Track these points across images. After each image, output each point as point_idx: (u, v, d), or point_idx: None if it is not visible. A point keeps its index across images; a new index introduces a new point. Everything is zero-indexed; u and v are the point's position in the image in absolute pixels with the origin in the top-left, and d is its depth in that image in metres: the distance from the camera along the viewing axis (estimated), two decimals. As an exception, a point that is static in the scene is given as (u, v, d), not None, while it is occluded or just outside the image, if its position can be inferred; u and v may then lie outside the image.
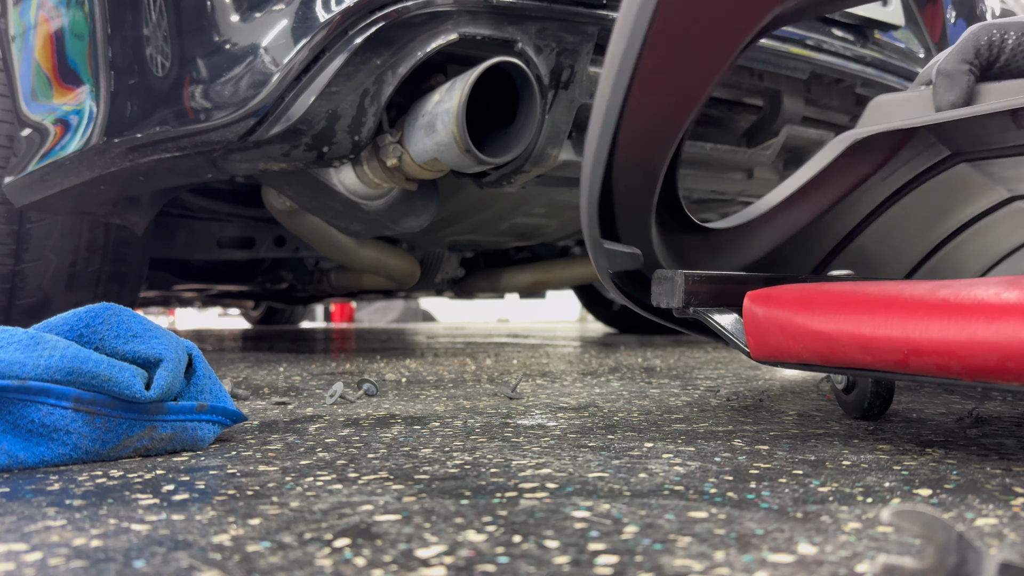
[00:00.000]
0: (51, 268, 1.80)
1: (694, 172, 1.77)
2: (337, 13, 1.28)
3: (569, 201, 1.99)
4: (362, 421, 0.96)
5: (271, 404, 1.12)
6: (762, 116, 1.77)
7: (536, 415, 0.99)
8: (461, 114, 1.28)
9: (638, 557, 0.45)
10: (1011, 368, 0.60)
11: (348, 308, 7.53)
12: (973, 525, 0.50)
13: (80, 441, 0.70)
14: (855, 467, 0.67)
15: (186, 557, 0.46)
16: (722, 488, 0.60)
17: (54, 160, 1.58)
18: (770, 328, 0.79)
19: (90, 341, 0.76)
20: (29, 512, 0.56)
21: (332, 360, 1.95)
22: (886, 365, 0.69)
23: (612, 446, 0.78)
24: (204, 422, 0.78)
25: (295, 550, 0.47)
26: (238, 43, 1.34)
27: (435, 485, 0.62)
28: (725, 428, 0.88)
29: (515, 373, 1.55)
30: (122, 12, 1.45)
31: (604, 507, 0.55)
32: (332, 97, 1.31)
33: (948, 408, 1.03)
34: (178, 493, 0.61)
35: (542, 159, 1.48)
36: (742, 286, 0.93)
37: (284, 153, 1.39)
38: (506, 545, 0.47)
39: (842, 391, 0.94)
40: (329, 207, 1.61)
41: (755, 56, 1.56)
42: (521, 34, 1.34)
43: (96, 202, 1.70)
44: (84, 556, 0.46)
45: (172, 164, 1.47)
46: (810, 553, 0.45)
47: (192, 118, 1.38)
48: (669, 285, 0.92)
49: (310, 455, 0.75)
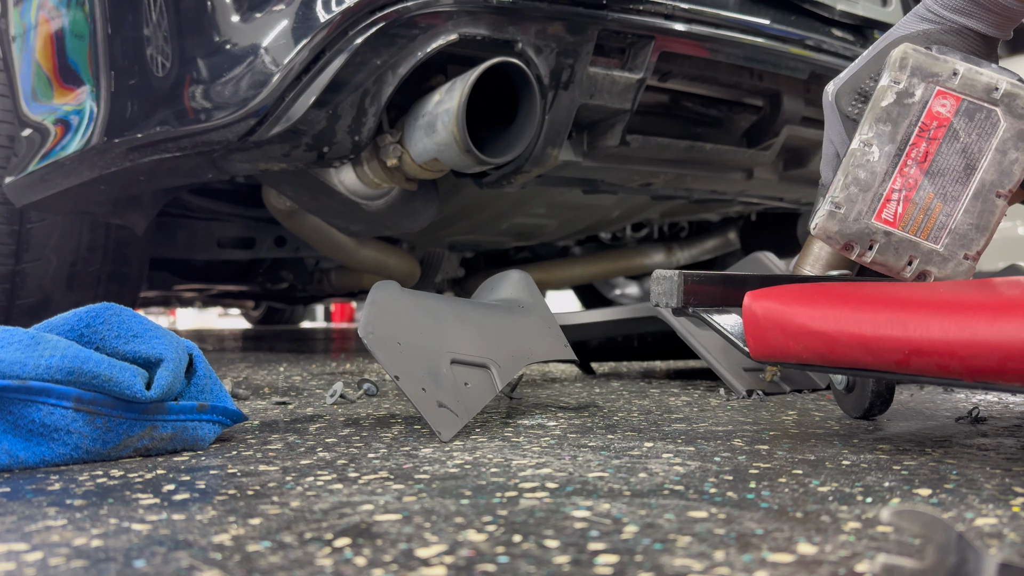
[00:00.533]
0: (51, 268, 1.80)
1: (694, 172, 1.77)
2: (337, 13, 1.28)
3: (569, 201, 1.99)
4: (362, 421, 0.96)
5: (271, 404, 1.12)
6: (762, 116, 1.77)
7: (536, 415, 0.99)
8: (461, 114, 1.28)
9: (638, 557, 0.45)
10: (1012, 368, 0.60)
11: (348, 308, 7.53)
12: (973, 525, 0.51)
13: (81, 441, 0.70)
14: (855, 467, 0.67)
15: (186, 557, 0.46)
16: (722, 488, 0.60)
17: (54, 160, 1.58)
18: (770, 328, 0.79)
19: (91, 341, 0.76)
20: (30, 512, 0.56)
21: (332, 360, 1.95)
22: (886, 365, 0.69)
23: (612, 446, 0.78)
24: (204, 422, 0.78)
25: (295, 550, 0.47)
26: (238, 43, 1.34)
27: (435, 485, 0.62)
28: (725, 428, 0.88)
29: (515, 373, 1.55)
30: (122, 12, 1.45)
31: (604, 507, 0.55)
32: (332, 97, 1.31)
33: (948, 408, 1.03)
34: (179, 493, 0.61)
35: (542, 159, 1.48)
36: (742, 286, 0.93)
37: (284, 153, 1.39)
38: (506, 545, 0.47)
39: (842, 391, 0.94)
40: (329, 207, 1.61)
41: (755, 56, 1.56)
42: (521, 34, 1.34)
43: (96, 202, 1.70)
44: (85, 556, 0.46)
45: (172, 164, 1.47)
46: (810, 553, 0.45)
47: (192, 118, 1.38)
48: (668, 285, 0.92)
49: (310, 455, 0.75)
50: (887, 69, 0.80)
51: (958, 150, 0.79)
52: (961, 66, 0.78)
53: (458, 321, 0.95)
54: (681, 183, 1.82)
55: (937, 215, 0.80)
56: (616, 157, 1.61)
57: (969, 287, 0.75)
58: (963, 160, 0.79)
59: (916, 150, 0.79)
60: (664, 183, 1.81)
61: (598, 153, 1.58)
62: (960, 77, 0.78)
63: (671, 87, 1.63)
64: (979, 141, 0.79)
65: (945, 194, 0.80)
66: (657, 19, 1.42)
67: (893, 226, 0.81)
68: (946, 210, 0.80)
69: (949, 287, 0.75)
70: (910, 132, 0.79)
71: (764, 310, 0.79)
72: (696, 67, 1.58)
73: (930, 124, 0.79)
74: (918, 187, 0.80)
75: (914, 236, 0.81)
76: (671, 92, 1.68)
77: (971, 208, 0.80)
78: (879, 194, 0.80)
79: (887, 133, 0.79)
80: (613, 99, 1.47)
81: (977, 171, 0.79)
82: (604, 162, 1.62)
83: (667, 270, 0.93)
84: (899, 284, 0.80)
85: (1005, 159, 0.79)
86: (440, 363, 0.87)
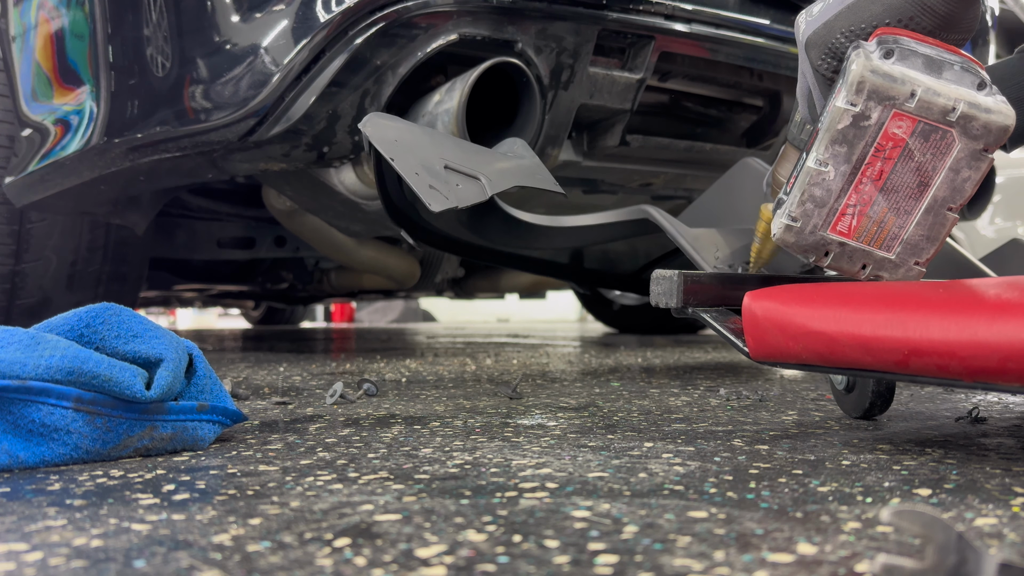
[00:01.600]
0: (51, 268, 1.80)
1: (694, 172, 1.77)
2: (337, 13, 1.28)
3: (569, 201, 1.99)
4: (362, 421, 0.96)
5: (271, 404, 1.12)
6: (762, 116, 1.77)
7: (536, 415, 0.99)
8: (461, 114, 1.28)
9: (638, 557, 0.45)
10: (1012, 369, 0.60)
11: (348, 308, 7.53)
12: (973, 525, 0.51)
13: (81, 441, 0.70)
14: (855, 467, 0.67)
15: (186, 557, 0.46)
16: (722, 488, 0.60)
17: (54, 160, 1.58)
18: (769, 328, 0.79)
19: (91, 341, 0.76)
20: (30, 512, 0.56)
21: (332, 360, 1.95)
22: (886, 365, 0.69)
23: (612, 446, 0.78)
24: (204, 422, 0.78)
25: (295, 550, 0.47)
26: (238, 43, 1.34)
27: (435, 485, 0.62)
28: (725, 428, 0.88)
29: (515, 373, 1.55)
30: (122, 12, 1.45)
31: (604, 507, 0.55)
32: (332, 97, 1.31)
33: (948, 408, 1.03)
34: (178, 493, 0.61)
35: (542, 159, 1.48)
36: (741, 286, 0.93)
37: (284, 153, 1.39)
38: (506, 545, 0.47)
39: (842, 391, 0.94)
40: (329, 207, 1.61)
41: (755, 56, 1.56)
42: (521, 34, 1.34)
43: (96, 202, 1.70)
44: (84, 556, 0.46)
45: (172, 164, 1.47)
46: (810, 553, 0.45)
47: (192, 118, 1.38)
48: (668, 284, 0.92)
49: (310, 455, 0.75)
50: (844, 88, 0.79)
51: (912, 168, 0.80)
52: (920, 85, 0.78)
53: (454, 143, 1.01)
54: (681, 183, 1.82)
55: (890, 227, 0.83)
56: (616, 157, 1.62)
57: (969, 287, 0.75)
58: (917, 177, 0.81)
59: (871, 169, 0.80)
60: (664, 183, 1.81)
61: (598, 153, 1.58)
62: (917, 100, 0.78)
63: (671, 87, 1.64)
64: (933, 160, 0.80)
65: (898, 209, 0.82)
66: (657, 19, 1.42)
67: (848, 237, 0.83)
68: (898, 223, 0.83)
69: (949, 287, 0.75)
70: (866, 152, 0.80)
71: (764, 310, 0.79)
72: (696, 67, 1.58)
73: (886, 145, 0.80)
74: (872, 203, 0.82)
75: (867, 246, 0.84)
76: (671, 92, 1.68)
77: (923, 221, 0.82)
78: (834, 209, 0.82)
79: (843, 154, 0.80)
80: (613, 99, 1.47)
81: (930, 188, 0.81)
82: (604, 162, 1.62)
83: (667, 270, 0.93)
84: (899, 284, 0.80)
85: (958, 177, 0.80)
86: (434, 163, 0.91)
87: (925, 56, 0.79)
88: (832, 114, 0.80)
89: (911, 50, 0.79)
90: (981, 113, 0.78)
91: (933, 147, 0.79)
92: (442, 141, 1.05)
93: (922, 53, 0.79)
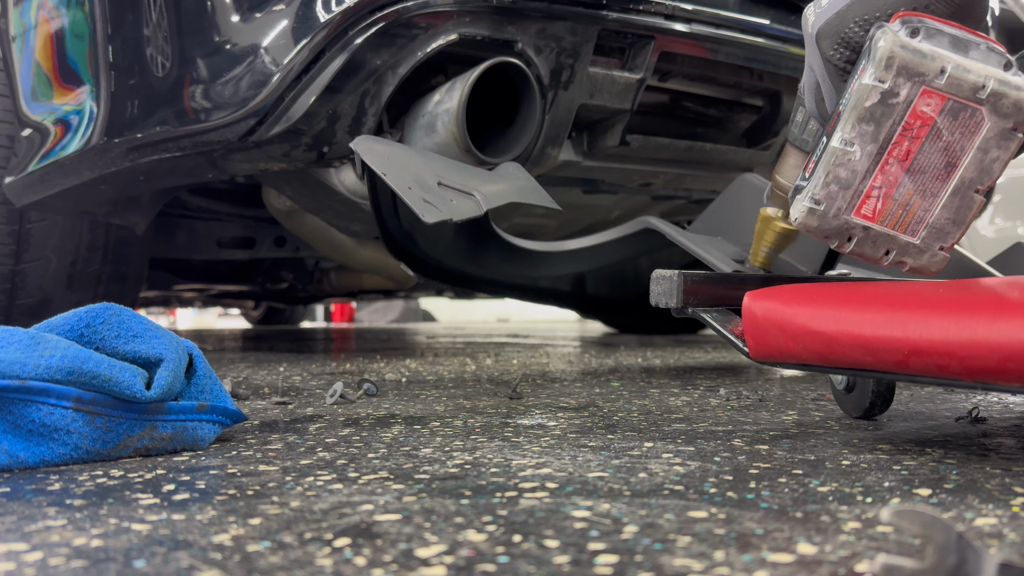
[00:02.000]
0: (51, 268, 1.80)
1: (694, 172, 1.77)
2: (337, 13, 1.28)
3: (569, 201, 1.99)
4: (362, 421, 0.96)
5: (271, 404, 1.12)
6: (762, 116, 1.77)
7: (536, 415, 0.99)
8: (461, 114, 1.28)
9: (638, 557, 0.45)
10: (1012, 369, 0.60)
11: (348, 308, 7.53)
12: (973, 525, 0.51)
13: (81, 441, 0.70)
14: (855, 467, 0.67)
15: (186, 557, 0.46)
16: (722, 488, 0.60)
17: (54, 160, 1.58)
18: (769, 328, 0.79)
19: (91, 341, 0.76)
20: (29, 512, 0.56)
21: (332, 360, 1.95)
22: (886, 365, 0.69)
23: (612, 446, 0.78)
24: (204, 422, 0.78)
25: (295, 550, 0.47)
26: (238, 43, 1.34)
27: (435, 485, 0.62)
28: (725, 428, 0.88)
29: (515, 373, 1.55)
30: (122, 12, 1.45)
31: (604, 507, 0.55)
32: (332, 97, 1.31)
33: (948, 408, 1.03)
34: (178, 493, 0.61)
35: (542, 159, 1.48)
36: (741, 286, 0.93)
37: (284, 153, 1.39)
38: (506, 545, 0.47)
39: (842, 391, 0.94)
40: (329, 207, 1.61)
41: (755, 56, 1.56)
42: (521, 34, 1.34)
43: (96, 202, 1.70)
44: (84, 556, 0.46)
45: (172, 164, 1.47)
46: (810, 553, 0.45)
47: (192, 118, 1.38)
48: (668, 285, 0.92)
49: (310, 455, 0.75)
50: (872, 65, 0.78)
51: (940, 148, 0.79)
52: (949, 63, 0.77)
53: (447, 164, 1.02)
54: (681, 183, 1.82)
55: (915, 210, 0.80)
56: (616, 157, 1.62)
57: (968, 287, 0.75)
58: (944, 158, 0.79)
59: (898, 149, 0.79)
60: (664, 183, 1.81)
61: (598, 153, 1.58)
62: (947, 76, 0.77)
63: (671, 87, 1.64)
64: (961, 140, 0.78)
65: (924, 191, 0.80)
66: (657, 19, 1.42)
67: (872, 221, 0.81)
68: (924, 205, 0.80)
69: (949, 287, 0.75)
70: (893, 131, 0.78)
71: (764, 310, 0.80)
72: (696, 67, 1.58)
73: (913, 123, 0.78)
74: (898, 184, 0.80)
75: (892, 230, 0.81)
76: (671, 92, 1.68)
77: (949, 204, 0.80)
78: (859, 191, 0.80)
79: (869, 133, 0.79)
80: (613, 99, 1.47)
81: (958, 168, 0.79)
82: (604, 162, 1.62)
83: (666, 270, 0.93)
84: (899, 284, 0.80)
85: (986, 157, 0.79)
86: (427, 179, 0.91)
87: (951, 36, 0.78)
88: (859, 92, 0.78)
89: (937, 29, 0.78)
90: (1012, 91, 0.76)
91: (962, 126, 0.78)
92: (435, 161, 1.05)
93: (948, 33, 0.78)
